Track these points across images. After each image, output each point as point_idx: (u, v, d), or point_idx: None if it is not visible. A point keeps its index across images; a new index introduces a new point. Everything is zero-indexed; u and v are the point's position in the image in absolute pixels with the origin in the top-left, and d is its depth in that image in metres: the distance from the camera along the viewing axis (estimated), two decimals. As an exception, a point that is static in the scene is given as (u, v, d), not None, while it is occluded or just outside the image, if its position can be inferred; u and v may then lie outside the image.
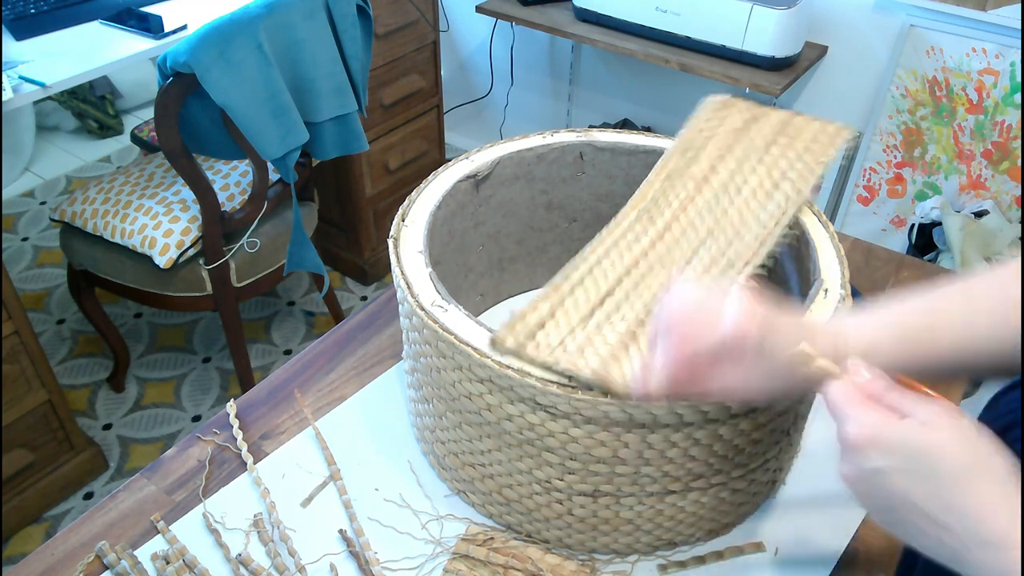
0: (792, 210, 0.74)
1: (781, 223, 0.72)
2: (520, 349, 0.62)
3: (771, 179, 0.77)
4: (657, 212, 0.75)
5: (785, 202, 0.74)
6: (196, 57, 1.30)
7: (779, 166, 0.78)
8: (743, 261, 0.68)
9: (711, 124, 0.84)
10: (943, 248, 1.90)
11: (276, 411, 0.87)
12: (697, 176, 0.78)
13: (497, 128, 2.89)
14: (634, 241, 0.72)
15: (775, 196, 0.75)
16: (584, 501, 0.68)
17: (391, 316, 0.98)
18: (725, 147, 0.81)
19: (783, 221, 0.72)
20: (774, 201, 0.74)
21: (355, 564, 0.72)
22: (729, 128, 0.83)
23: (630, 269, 0.70)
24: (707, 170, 0.79)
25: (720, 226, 0.73)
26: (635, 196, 0.77)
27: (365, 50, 1.61)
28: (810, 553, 0.73)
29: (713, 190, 0.77)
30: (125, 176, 1.72)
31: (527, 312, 0.65)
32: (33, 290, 2.33)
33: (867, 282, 1.05)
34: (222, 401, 1.99)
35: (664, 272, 0.69)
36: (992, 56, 1.82)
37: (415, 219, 0.78)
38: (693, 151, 0.81)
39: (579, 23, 2.17)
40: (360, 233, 2.26)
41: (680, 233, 0.73)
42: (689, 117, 0.85)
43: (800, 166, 0.78)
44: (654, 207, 0.76)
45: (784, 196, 0.75)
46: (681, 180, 0.78)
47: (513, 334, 0.64)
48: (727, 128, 0.83)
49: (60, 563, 0.72)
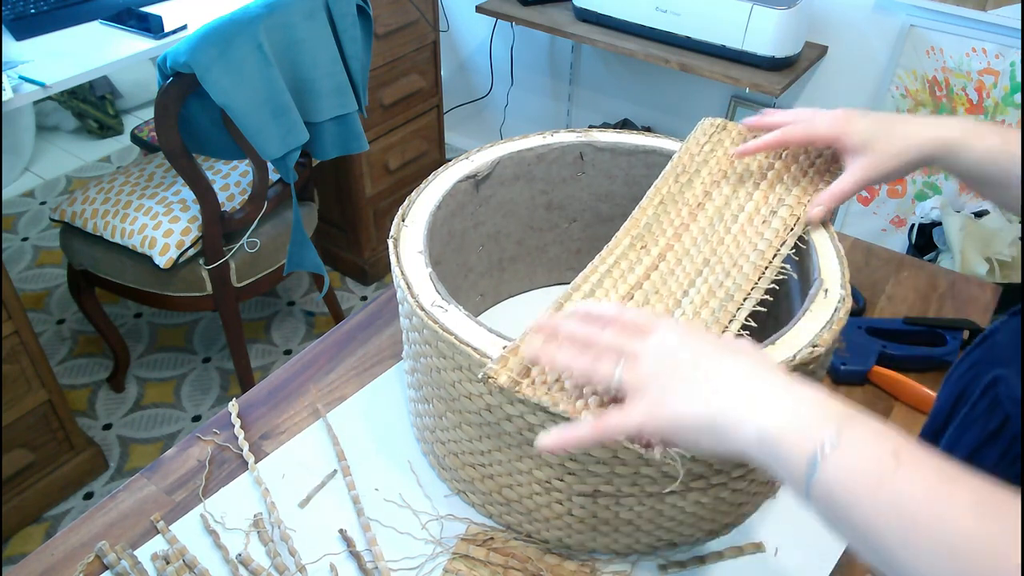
0: (792, 239, 0.72)
1: (781, 252, 0.70)
2: (513, 386, 0.59)
3: (768, 205, 0.75)
4: (651, 239, 0.73)
5: (783, 230, 0.72)
6: (196, 57, 1.30)
7: (776, 191, 0.76)
8: (742, 294, 0.66)
9: (705, 148, 0.83)
10: (943, 248, 1.90)
11: (276, 411, 0.87)
12: (691, 202, 0.77)
13: (497, 128, 2.89)
14: (628, 270, 0.70)
15: (773, 223, 0.73)
16: (584, 501, 0.68)
17: (391, 316, 0.98)
18: (720, 172, 0.80)
19: (783, 251, 0.71)
20: (772, 228, 0.73)
21: (355, 564, 0.72)
22: (723, 153, 0.82)
23: (625, 300, 0.67)
24: (701, 195, 0.77)
25: (717, 255, 0.71)
26: (628, 222, 0.75)
27: (365, 50, 1.61)
28: (810, 553, 0.73)
29: (708, 217, 0.75)
30: (125, 176, 1.72)
31: (520, 345, 0.61)
32: (33, 290, 2.33)
33: (867, 282, 1.05)
34: (222, 401, 1.99)
35: (661, 303, 0.66)
36: (992, 56, 1.82)
37: (415, 219, 0.78)
38: (687, 175, 0.80)
39: (579, 23, 2.17)
40: (360, 233, 2.26)
41: (675, 262, 0.71)
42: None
43: (798, 191, 0.76)
44: (648, 234, 0.74)
45: (782, 223, 0.73)
46: (675, 206, 0.76)
47: (506, 370, 0.60)
48: (721, 153, 0.82)
49: (60, 563, 0.72)
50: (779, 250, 0.70)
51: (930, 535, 0.38)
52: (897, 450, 0.41)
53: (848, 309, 0.67)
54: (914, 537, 0.38)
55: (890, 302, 1.02)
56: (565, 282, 1.03)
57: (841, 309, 0.66)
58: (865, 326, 0.94)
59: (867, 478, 0.40)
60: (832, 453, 0.42)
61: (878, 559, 0.41)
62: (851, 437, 0.42)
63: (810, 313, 0.66)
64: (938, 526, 0.38)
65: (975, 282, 1.05)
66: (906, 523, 0.39)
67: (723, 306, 0.65)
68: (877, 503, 0.40)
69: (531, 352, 0.56)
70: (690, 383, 0.48)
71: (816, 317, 0.66)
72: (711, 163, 0.81)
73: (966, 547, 0.37)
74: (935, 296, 1.02)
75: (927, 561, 0.38)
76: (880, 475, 0.40)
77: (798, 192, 0.76)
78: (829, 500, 0.42)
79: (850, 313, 0.67)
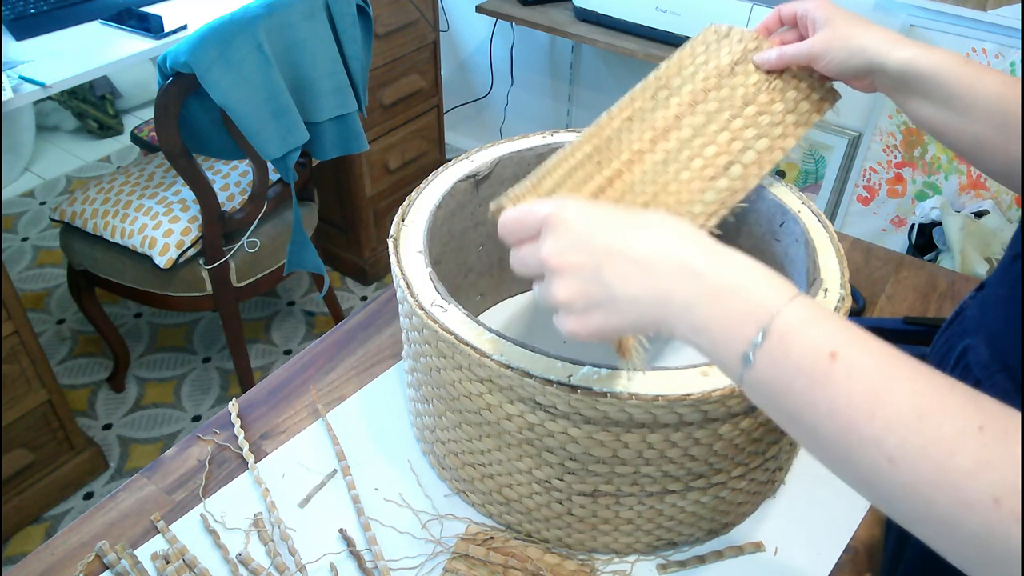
0: (741, 194, 0.69)
1: (717, 215, 0.68)
2: None
3: (728, 153, 0.71)
4: (607, 158, 0.69)
5: (739, 180, 0.69)
6: (196, 57, 1.30)
7: (744, 136, 0.72)
8: None
9: (699, 60, 0.77)
10: (943, 248, 1.90)
11: (276, 411, 0.87)
12: (659, 127, 0.72)
13: (497, 128, 2.89)
14: (582, 183, 0.67)
15: (731, 171, 0.70)
16: (584, 501, 0.68)
17: (391, 316, 0.98)
18: (702, 93, 0.74)
19: (729, 203, 0.68)
20: (727, 177, 0.70)
21: (355, 564, 0.72)
22: (714, 68, 0.76)
23: None
24: (672, 121, 0.73)
25: (657, 201, 0.68)
26: (593, 127, 0.71)
27: (365, 50, 1.61)
28: (810, 553, 0.73)
29: (667, 150, 0.71)
30: (125, 176, 1.72)
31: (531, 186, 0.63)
32: (33, 290, 2.33)
33: (867, 282, 1.05)
34: (222, 401, 1.99)
35: None
36: (992, 56, 1.82)
37: (415, 219, 0.78)
38: (667, 91, 0.75)
39: (579, 23, 2.17)
40: (360, 233, 2.26)
41: (619, 194, 0.68)
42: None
43: (761, 146, 0.72)
44: (607, 149, 0.70)
45: (740, 173, 0.70)
46: (641, 126, 0.72)
47: None
48: (712, 67, 0.76)
49: (60, 563, 0.72)
50: (716, 212, 0.68)
51: (871, 440, 0.37)
52: (833, 348, 0.39)
53: (848, 309, 0.67)
54: (855, 441, 0.38)
55: (890, 302, 1.02)
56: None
57: (841, 309, 0.66)
58: (865, 326, 0.94)
59: (800, 378, 0.40)
60: (759, 354, 0.41)
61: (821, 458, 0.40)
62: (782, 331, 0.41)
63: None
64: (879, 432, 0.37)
65: (975, 282, 1.05)
66: (844, 428, 0.38)
67: None
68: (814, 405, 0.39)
69: None
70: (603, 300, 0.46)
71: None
72: (698, 78, 0.75)
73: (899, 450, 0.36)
74: (935, 296, 1.02)
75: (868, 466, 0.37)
76: (812, 377, 0.39)
77: (761, 147, 0.72)
78: (763, 398, 0.42)
79: (850, 313, 0.67)
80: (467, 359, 0.64)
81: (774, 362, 0.41)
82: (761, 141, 0.72)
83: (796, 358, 0.40)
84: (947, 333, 0.67)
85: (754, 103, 0.73)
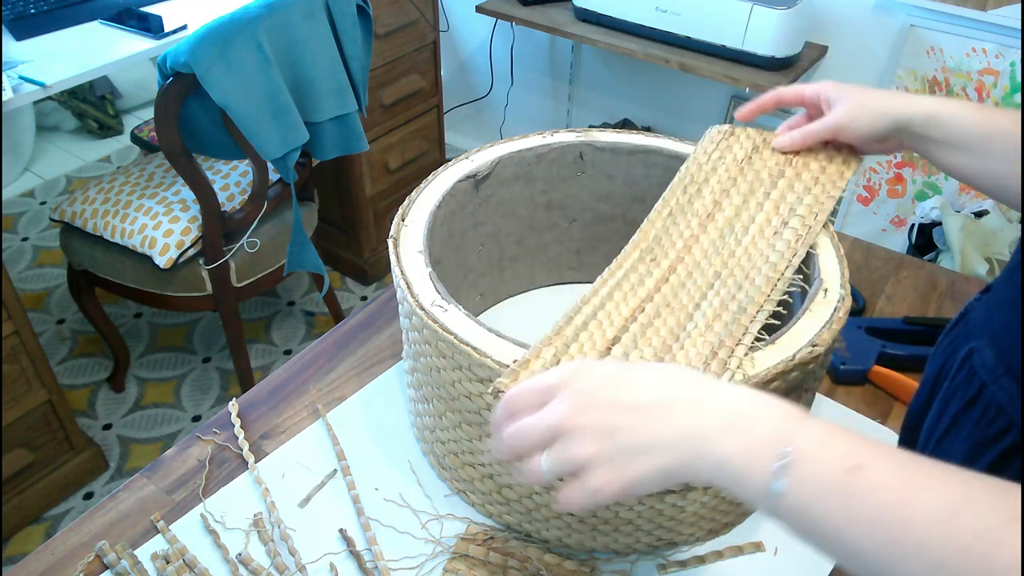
0: (803, 249, 0.71)
1: (792, 264, 0.69)
2: None
3: (779, 215, 0.74)
4: (660, 252, 0.72)
5: (795, 241, 0.71)
6: (196, 57, 1.30)
7: (787, 200, 0.75)
8: (755, 306, 0.65)
9: (714, 156, 0.82)
10: (943, 248, 1.90)
11: (276, 411, 0.87)
12: (701, 213, 0.75)
13: (497, 128, 2.89)
14: (638, 283, 0.69)
15: (784, 234, 0.72)
16: (584, 501, 0.68)
17: (391, 316, 0.98)
18: (729, 181, 0.78)
19: (794, 262, 0.70)
20: (783, 239, 0.72)
21: (355, 564, 0.72)
22: (732, 160, 0.81)
23: (635, 313, 0.65)
24: (711, 206, 0.76)
25: (728, 268, 0.69)
26: (637, 235, 0.74)
27: (365, 50, 1.62)
28: (810, 553, 0.73)
29: (718, 228, 0.74)
30: (125, 176, 1.72)
31: (530, 359, 0.60)
32: (33, 290, 2.34)
33: (867, 282, 1.05)
34: (222, 401, 1.99)
35: (672, 317, 0.65)
36: (992, 56, 1.82)
37: (415, 219, 0.79)
38: (695, 186, 0.78)
39: (579, 23, 2.17)
40: (360, 233, 2.26)
41: (686, 275, 0.69)
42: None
43: (809, 200, 0.75)
44: (657, 247, 0.72)
45: (794, 233, 0.72)
46: (684, 217, 0.75)
47: (516, 384, 0.58)
48: (730, 160, 0.81)
49: (60, 563, 0.72)
50: (791, 261, 0.69)
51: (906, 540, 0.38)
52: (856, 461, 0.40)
53: (848, 309, 0.67)
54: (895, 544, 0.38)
55: (890, 302, 1.02)
56: (565, 282, 1.03)
57: (841, 309, 0.66)
58: (865, 326, 0.94)
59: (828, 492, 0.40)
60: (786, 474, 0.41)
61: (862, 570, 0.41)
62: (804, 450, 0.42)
63: (810, 313, 0.66)
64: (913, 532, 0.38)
65: (975, 282, 1.05)
66: (880, 532, 0.39)
67: (736, 319, 0.64)
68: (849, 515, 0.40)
69: None
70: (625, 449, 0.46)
71: (816, 317, 0.66)
72: (720, 171, 0.80)
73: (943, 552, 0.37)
74: (935, 296, 1.03)
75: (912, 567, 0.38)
76: (841, 487, 0.40)
77: (809, 201, 0.75)
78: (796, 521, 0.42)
79: (850, 313, 0.67)
80: (467, 359, 0.64)
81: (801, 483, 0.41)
82: (807, 196, 0.76)
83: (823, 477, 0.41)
84: (952, 335, 0.67)
85: (783, 177, 0.78)
